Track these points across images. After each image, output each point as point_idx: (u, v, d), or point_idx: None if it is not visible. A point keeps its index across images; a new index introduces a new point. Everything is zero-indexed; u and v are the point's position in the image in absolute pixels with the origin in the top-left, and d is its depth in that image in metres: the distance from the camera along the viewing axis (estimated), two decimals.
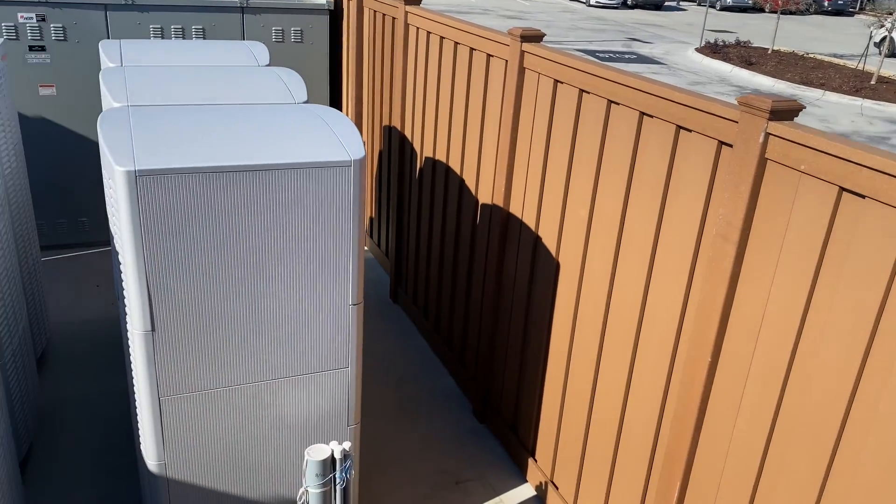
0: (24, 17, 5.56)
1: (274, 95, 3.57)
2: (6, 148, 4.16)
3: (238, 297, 2.83)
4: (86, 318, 5.33)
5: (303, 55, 6.50)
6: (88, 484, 3.82)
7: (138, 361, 2.81)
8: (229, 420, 3.01)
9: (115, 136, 2.70)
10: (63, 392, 4.52)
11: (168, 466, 2.98)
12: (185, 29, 6.02)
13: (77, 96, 5.91)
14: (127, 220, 2.57)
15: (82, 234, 6.32)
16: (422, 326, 5.46)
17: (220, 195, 2.65)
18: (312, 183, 2.77)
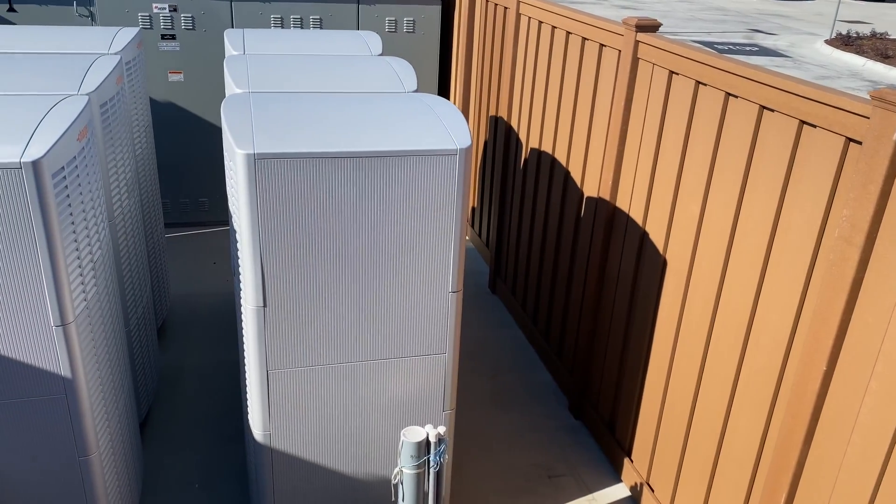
0: (158, 7, 5.93)
1: (385, 84, 3.65)
2: (139, 131, 4.46)
3: (344, 279, 2.92)
4: (203, 292, 5.66)
5: (414, 45, 6.60)
6: (199, 447, 4.06)
7: (249, 335, 2.96)
8: (330, 397, 3.12)
9: (236, 121, 2.84)
10: (180, 361, 4.82)
11: (272, 437, 3.13)
12: (303, 19, 6.24)
13: (202, 82, 6.25)
14: (245, 201, 2.70)
15: (202, 214, 6.70)
16: (519, 318, 5.45)
17: (331, 179, 2.74)
18: (419, 170, 2.82)
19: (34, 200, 2.47)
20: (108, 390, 3.10)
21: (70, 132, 2.70)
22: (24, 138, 2.55)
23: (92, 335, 2.90)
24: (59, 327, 2.67)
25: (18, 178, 2.44)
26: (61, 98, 2.98)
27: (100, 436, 2.96)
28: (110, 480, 3.10)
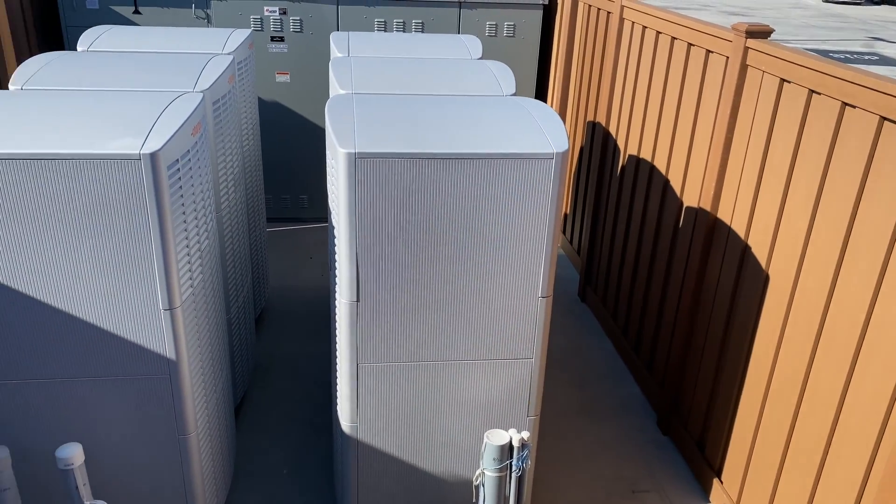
0: (269, 10, 6.18)
1: (484, 87, 3.67)
2: (247, 128, 4.67)
3: (435, 279, 2.95)
4: (299, 285, 5.86)
5: (513, 49, 6.60)
6: (289, 435, 4.20)
7: (342, 329, 3.04)
8: (416, 394, 3.17)
9: (339, 121, 2.93)
10: (275, 350, 5.01)
11: (359, 429, 3.20)
12: (405, 23, 6.36)
13: (307, 83, 6.47)
14: (344, 198, 2.78)
15: (302, 210, 6.93)
16: (609, 328, 5.35)
17: (427, 179, 2.78)
18: (515, 173, 2.82)
19: (150, 190, 2.63)
20: (208, 374, 3.25)
21: (185, 127, 2.86)
22: (144, 132, 2.71)
23: (196, 320, 3.05)
24: (167, 311, 2.83)
25: (137, 168, 2.60)
26: (178, 95, 3.16)
27: (198, 416, 3.11)
28: (206, 460, 3.25)
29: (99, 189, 2.61)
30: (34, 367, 2.84)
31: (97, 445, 3.01)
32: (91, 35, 4.32)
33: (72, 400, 2.91)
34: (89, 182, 2.59)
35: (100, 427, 2.98)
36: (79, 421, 2.95)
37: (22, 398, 2.88)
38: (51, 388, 2.88)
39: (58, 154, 2.55)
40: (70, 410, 2.93)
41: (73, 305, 2.76)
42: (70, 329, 2.80)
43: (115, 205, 2.64)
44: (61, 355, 2.84)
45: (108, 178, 2.60)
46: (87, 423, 2.96)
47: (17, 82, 3.38)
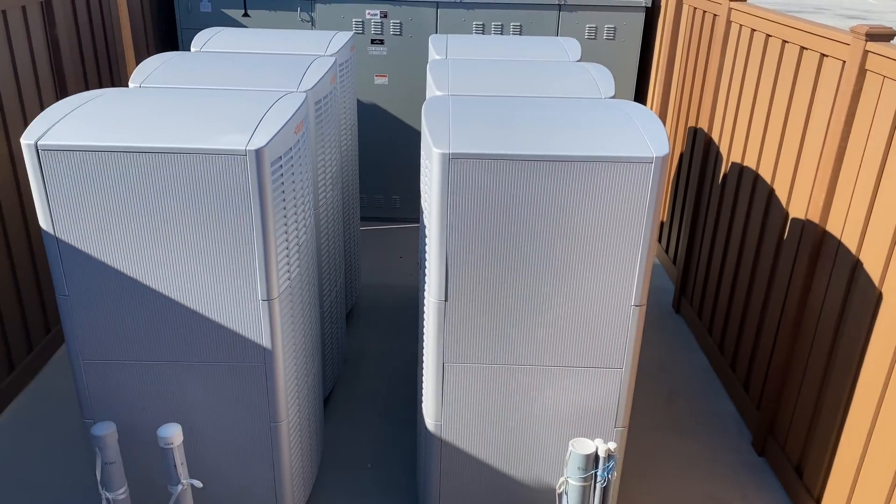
0: (371, 13, 6.32)
1: (582, 89, 3.61)
2: (345, 128, 4.79)
3: (526, 282, 2.93)
4: (388, 283, 5.95)
5: (613, 52, 6.48)
6: (375, 429, 4.27)
7: (430, 327, 3.06)
8: (502, 396, 3.15)
9: (435, 122, 2.96)
10: (364, 346, 5.11)
11: (443, 427, 3.21)
12: (503, 25, 6.35)
13: (404, 86, 6.57)
14: (437, 198, 2.80)
15: (394, 210, 7.04)
16: (704, 342, 5.15)
17: (522, 182, 2.76)
18: (612, 177, 2.76)
19: (254, 185, 2.74)
20: (301, 364, 3.35)
21: (289, 125, 2.96)
22: (250, 129, 2.83)
23: (291, 312, 3.15)
24: (266, 302, 2.93)
25: (243, 164, 2.71)
26: (283, 94, 3.27)
27: (290, 405, 3.21)
28: (295, 448, 3.35)
29: (207, 182, 2.73)
30: (141, 349, 3.00)
31: (194, 427, 3.16)
32: (204, 36, 4.55)
33: (173, 382, 3.07)
34: (198, 175, 2.72)
35: (198, 410, 3.12)
36: (179, 403, 3.11)
37: (128, 378, 3.05)
38: (155, 370, 3.04)
39: (170, 148, 2.69)
40: (171, 392, 3.09)
41: (179, 293, 2.91)
42: (175, 315, 2.95)
43: (221, 198, 2.76)
44: (166, 339, 2.99)
45: (216, 172, 2.72)
46: (186, 405, 3.11)
47: (136, 80, 3.59)
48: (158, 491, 3.29)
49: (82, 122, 2.81)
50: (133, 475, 3.26)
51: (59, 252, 2.83)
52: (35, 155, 2.68)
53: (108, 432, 2.88)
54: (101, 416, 3.13)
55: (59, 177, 2.71)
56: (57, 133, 2.72)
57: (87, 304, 2.92)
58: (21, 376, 4.52)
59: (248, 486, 3.30)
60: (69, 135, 2.71)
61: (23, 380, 4.55)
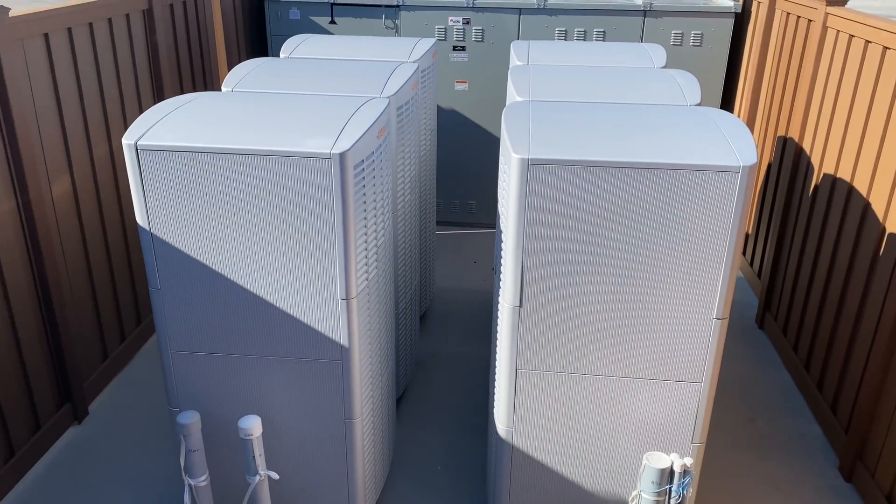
0: (454, 20, 6.38)
1: (666, 96, 3.54)
2: (425, 134, 4.85)
3: (603, 290, 2.89)
4: (462, 288, 5.98)
5: (700, 58, 6.32)
6: (446, 432, 4.30)
7: (503, 333, 3.06)
8: (575, 405, 3.12)
9: (515, 127, 2.96)
10: (437, 349, 5.15)
11: (514, 434, 3.20)
12: (586, 31, 6.30)
13: (484, 92, 6.60)
14: (514, 203, 2.80)
15: (469, 216, 7.07)
16: (788, 360, 4.95)
17: (602, 188, 2.74)
18: (696, 186, 2.69)
19: (337, 187, 2.81)
20: (375, 363, 3.41)
21: (371, 130, 3.02)
22: (335, 133, 2.90)
23: (368, 311, 3.21)
24: (344, 301, 3.00)
25: (327, 166, 2.79)
26: (367, 100, 3.35)
27: (364, 403, 3.27)
28: (368, 445, 3.41)
29: (293, 183, 2.83)
30: (225, 342, 3.13)
31: (272, 420, 3.26)
32: (292, 43, 4.70)
33: (254, 375, 3.18)
34: (285, 177, 2.82)
35: (276, 403, 3.22)
36: (259, 395, 3.21)
37: (213, 369, 3.18)
38: (237, 363, 3.16)
39: (260, 150, 2.79)
40: (252, 385, 3.20)
41: (263, 289, 3.01)
42: (258, 310, 3.05)
43: (305, 199, 2.84)
44: (249, 333, 3.10)
45: (302, 173, 2.81)
46: (265, 398, 3.22)
47: (228, 84, 3.74)
48: (236, 481, 3.41)
49: (178, 124, 2.96)
50: (213, 464, 3.39)
51: (153, 247, 2.98)
52: (134, 154, 2.84)
53: (192, 421, 3.00)
54: (186, 405, 3.27)
55: (156, 175, 2.85)
56: (155, 134, 2.87)
57: (177, 298, 3.06)
58: (114, 364, 4.78)
59: (321, 480, 3.38)
60: (166, 136, 2.86)
61: (115, 368, 4.80)
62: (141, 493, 3.82)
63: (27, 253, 3.89)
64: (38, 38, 3.90)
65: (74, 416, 4.34)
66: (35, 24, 3.83)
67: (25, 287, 3.89)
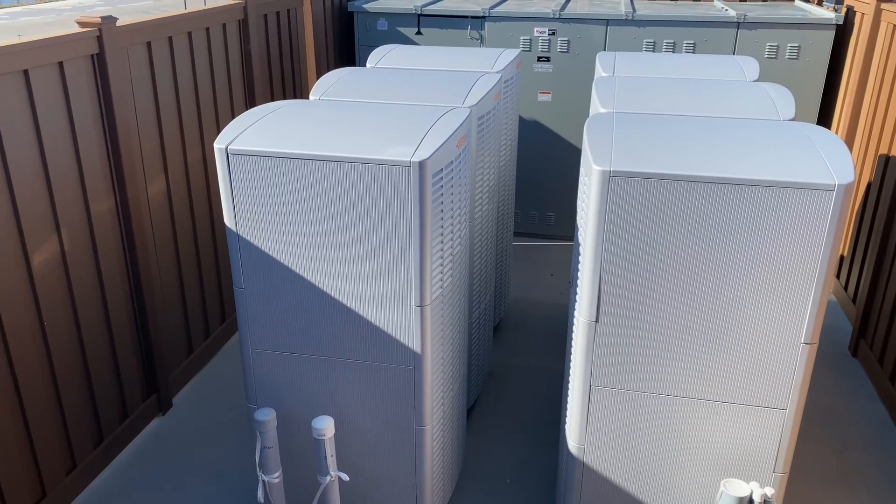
0: (539, 31, 6.36)
1: (758, 111, 3.42)
2: (505, 144, 4.84)
3: (684, 308, 2.81)
4: (537, 300, 5.92)
5: (795, 72, 6.07)
6: (516, 445, 4.26)
7: (578, 348, 3.01)
8: (651, 426, 3.03)
9: (597, 138, 2.92)
10: (509, 360, 5.11)
11: (586, 451, 3.14)
12: (675, 43, 6.15)
13: (567, 104, 6.54)
14: (594, 216, 2.76)
15: (547, 227, 7.01)
16: (884, 391, 4.66)
17: (685, 204, 2.66)
18: (788, 204, 2.58)
19: (416, 194, 2.84)
20: (447, 371, 3.41)
21: (451, 139, 3.04)
22: (416, 141, 2.94)
23: (442, 319, 3.22)
24: (418, 307, 3.02)
25: (407, 174, 2.82)
26: (448, 109, 3.37)
27: (435, 411, 3.28)
28: (437, 453, 3.42)
29: (373, 190, 2.87)
30: (303, 342, 3.20)
31: (345, 422, 3.31)
32: (379, 53, 4.79)
33: (329, 377, 3.24)
34: (366, 183, 2.87)
35: (349, 405, 3.27)
36: (332, 397, 3.27)
37: (290, 368, 3.26)
38: (314, 363, 3.23)
39: (342, 157, 2.85)
40: (327, 386, 3.26)
41: (341, 292, 3.07)
42: (335, 313, 3.11)
43: (385, 205, 2.89)
44: (326, 335, 3.17)
45: (382, 180, 2.85)
46: (339, 399, 3.27)
47: (316, 93, 3.85)
48: (306, 480, 3.48)
49: (267, 131, 3.06)
50: (285, 461, 3.47)
51: (239, 247, 3.09)
52: (225, 158, 2.95)
53: (268, 418, 3.09)
54: (264, 403, 3.36)
55: (244, 179, 2.96)
56: (245, 139, 2.97)
57: (259, 297, 3.16)
58: (198, 359, 4.97)
59: (389, 484, 3.41)
60: (255, 141, 2.96)
61: (199, 363, 4.99)
62: (217, 486, 3.95)
63: (122, 249, 4.11)
64: (142, 45, 4.12)
65: (159, 408, 4.53)
66: (139, 32, 4.05)
67: (120, 282, 4.11)
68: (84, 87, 3.69)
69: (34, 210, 3.44)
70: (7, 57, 3.17)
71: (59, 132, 3.56)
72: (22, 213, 3.35)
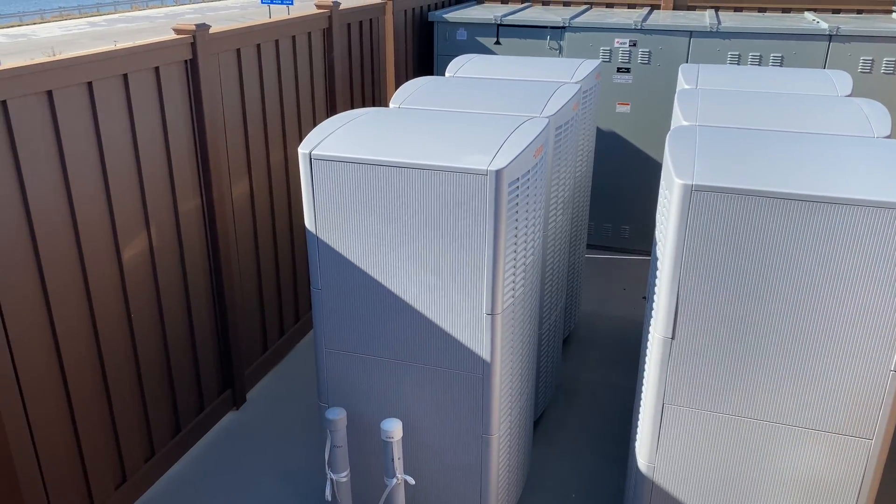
0: (620, 42, 6.28)
1: (851, 127, 3.28)
2: (582, 155, 4.80)
3: (766, 329, 2.72)
4: (608, 314, 5.83)
5: (892, 87, 5.79)
6: (582, 460, 4.20)
7: (652, 364, 2.95)
8: (726, 449, 2.94)
9: (679, 151, 2.86)
10: (578, 374, 5.05)
11: (655, 470, 3.07)
12: (762, 56, 5.98)
13: (647, 115, 6.43)
14: (673, 230, 2.70)
15: (621, 241, 6.90)
16: None
17: (771, 221, 2.58)
18: (880, 224, 2.47)
19: (491, 203, 2.85)
20: (516, 382, 3.40)
21: (529, 149, 3.04)
22: (493, 151, 2.95)
23: (512, 329, 3.22)
24: (489, 316, 3.03)
25: (483, 183, 2.84)
26: (526, 119, 3.37)
27: (502, 420, 3.27)
28: (503, 463, 3.41)
29: (449, 198, 2.90)
30: (375, 345, 3.25)
31: (413, 426, 3.34)
32: (458, 62, 4.84)
33: (399, 380, 3.28)
34: (443, 191, 2.90)
35: (418, 410, 3.30)
36: (401, 400, 3.31)
37: (361, 370, 3.32)
38: (385, 366, 3.28)
39: (420, 164, 2.89)
40: (396, 389, 3.30)
41: (413, 298, 3.11)
42: (408, 318, 3.15)
43: (460, 213, 2.91)
44: (398, 339, 3.21)
45: (459, 189, 2.87)
46: (408, 403, 3.31)
47: (396, 101, 3.92)
48: (371, 481, 3.53)
49: (349, 137, 3.13)
50: (352, 461, 3.52)
51: (317, 249, 3.17)
52: (308, 163, 3.04)
53: (339, 417, 3.15)
54: (335, 402, 3.43)
55: (325, 183, 3.04)
56: (328, 145, 3.06)
57: (335, 299, 3.23)
58: (272, 357, 5.11)
59: (454, 491, 3.41)
60: (337, 147, 3.03)
61: (273, 360, 5.13)
62: (286, 482, 4.05)
63: (206, 248, 4.27)
64: (231, 52, 4.29)
65: (234, 402, 4.68)
66: (230, 39, 4.22)
67: (202, 278, 4.27)
68: (177, 91, 3.87)
69: (127, 206, 3.62)
70: (109, 62, 3.36)
71: (153, 133, 3.74)
72: (116, 209, 3.54)
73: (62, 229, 3.24)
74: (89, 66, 3.24)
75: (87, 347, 3.46)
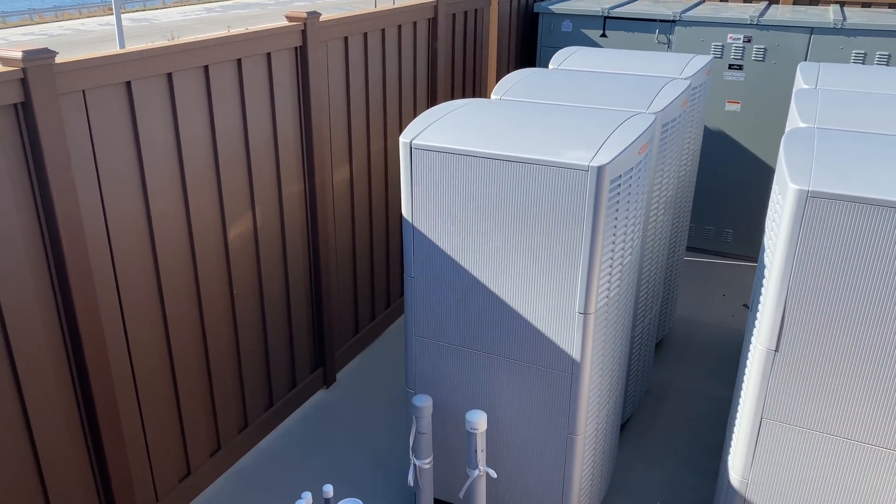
0: (733, 37, 6.01)
1: None
2: (687, 153, 4.63)
3: (879, 347, 2.54)
4: (705, 321, 5.62)
5: None
6: (668, 468, 4.08)
7: (752, 376, 2.82)
8: (825, 470, 2.78)
9: (796, 154, 2.71)
10: (669, 380, 4.90)
11: (749, 486, 2.94)
12: (891, 55, 5.58)
13: (758, 115, 6.14)
14: (785, 238, 2.57)
15: (723, 245, 6.63)
16: None
17: (890, 232, 2.40)
18: None
19: (591, 200, 2.79)
20: (605, 383, 3.33)
21: (633, 146, 2.96)
22: (596, 146, 2.89)
23: (604, 329, 3.15)
24: (582, 315, 2.97)
25: (583, 179, 2.78)
26: (632, 114, 3.28)
27: (589, 420, 3.22)
28: (587, 464, 3.35)
29: (548, 192, 2.86)
30: (465, 336, 3.26)
31: (497, 420, 3.34)
32: (562, 55, 4.76)
33: (486, 373, 3.28)
34: (542, 185, 2.87)
35: (504, 404, 3.29)
36: (487, 393, 3.31)
37: (449, 360, 3.34)
38: (473, 358, 3.28)
39: (520, 158, 2.87)
40: (483, 381, 3.30)
41: (505, 291, 3.09)
42: (498, 311, 3.14)
43: (558, 209, 2.87)
44: (487, 332, 3.21)
45: (558, 184, 2.83)
46: (494, 396, 3.30)
47: (497, 92, 3.90)
48: (453, 471, 3.55)
49: (449, 128, 3.14)
50: (435, 449, 3.56)
51: (413, 238, 3.20)
52: (409, 152, 3.07)
53: (425, 404, 3.18)
54: (422, 389, 3.47)
55: (424, 173, 3.06)
56: (428, 135, 3.07)
57: (427, 288, 3.26)
58: (362, 340, 5.22)
59: (536, 489, 3.39)
60: (438, 137, 3.05)
61: (363, 343, 5.25)
62: (371, 463, 4.14)
63: (306, 231, 4.40)
64: (339, 41, 4.38)
65: (324, 381, 4.82)
66: (339, 28, 4.31)
67: (301, 260, 4.41)
68: (286, 77, 3.99)
69: (235, 186, 3.77)
70: (225, 47, 3.50)
71: (262, 118, 3.87)
72: (224, 189, 3.69)
73: (174, 209, 3.42)
74: (206, 50, 3.39)
75: (192, 321, 3.64)
